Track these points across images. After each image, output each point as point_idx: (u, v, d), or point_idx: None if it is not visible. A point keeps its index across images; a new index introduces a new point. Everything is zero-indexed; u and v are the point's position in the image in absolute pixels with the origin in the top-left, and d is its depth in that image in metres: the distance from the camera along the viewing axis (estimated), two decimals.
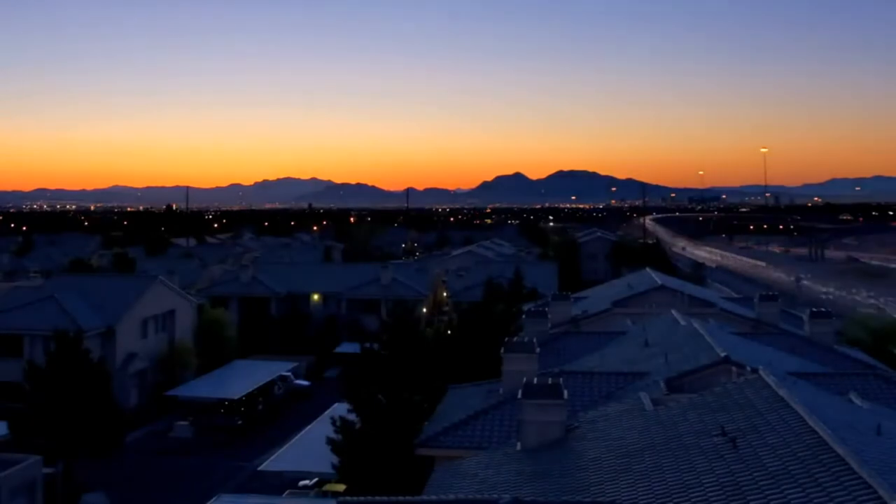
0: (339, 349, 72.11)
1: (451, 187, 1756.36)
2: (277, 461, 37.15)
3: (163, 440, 51.81)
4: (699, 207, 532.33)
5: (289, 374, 63.85)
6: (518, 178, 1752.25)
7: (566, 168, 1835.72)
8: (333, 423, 32.92)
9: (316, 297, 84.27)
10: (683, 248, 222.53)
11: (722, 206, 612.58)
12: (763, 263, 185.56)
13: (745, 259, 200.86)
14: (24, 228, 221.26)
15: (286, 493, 37.04)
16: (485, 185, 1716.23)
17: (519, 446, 19.50)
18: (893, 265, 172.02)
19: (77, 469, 41.32)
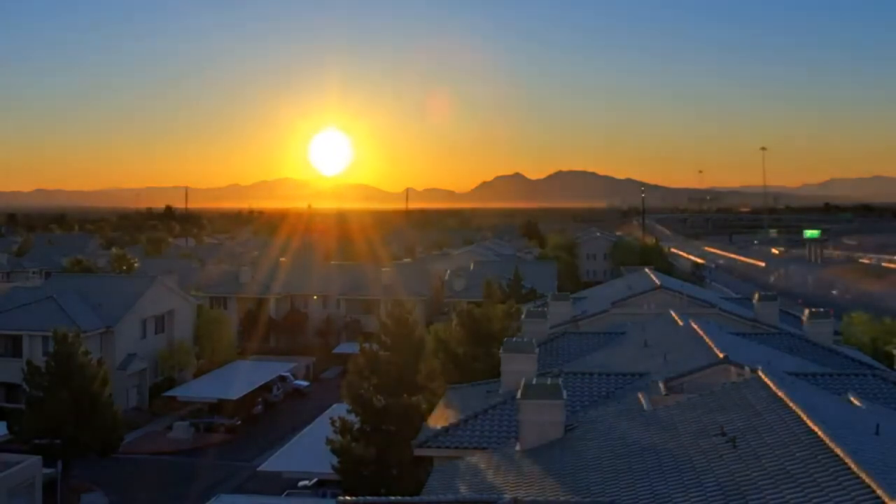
0: (338, 349, 72.22)
1: (450, 188, 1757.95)
2: (277, 461, 37.16)
3: (162, 440, 51.82)
4: (698, 208, 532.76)
5: (288, 374, 63.87)
6: (517, 178, 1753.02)
7: (565, 168, 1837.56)
8: (333, 423, 32.96)
9: (315, 297, 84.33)
10: (682, 248, 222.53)
11: (721, 206, 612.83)
12: (762, 264, 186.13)
13: (743, 259, 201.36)
14: (23, 228, 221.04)
15: (285, 493, 37.07)
16: (484, 186, 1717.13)
17: (518, 446, 19.52)
18: (892, 266, 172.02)
19: (76, 469, 41.38)
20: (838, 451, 12.88)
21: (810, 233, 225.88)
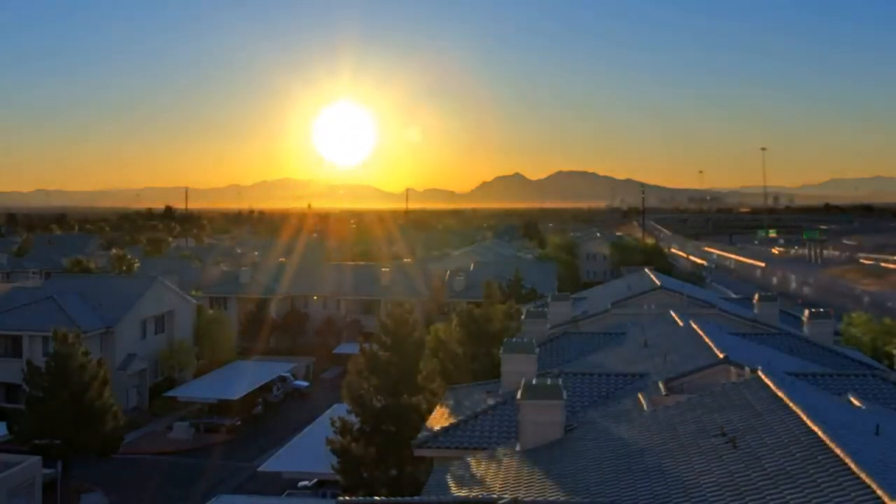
0: (338, 350, 72.22)
1: (450, 188, 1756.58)
2: (277, 462, 37.16)
3: (162, 440, 51.80)
4: (698, 208, 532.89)
5: (288, 374, 63.85)
6: (517, 178, 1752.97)
7: (565, 168, 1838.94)
8: (333, 423, 32.93)
9: (315, 297, 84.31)
10: (682, 249, 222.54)
11: (721, 206, 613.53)
12: (763, 264, 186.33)
13: (744, 260, 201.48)
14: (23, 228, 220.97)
15: (285, 493, 37.09)
16: (484, 186, 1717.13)
17: (518, 447, 19.52)
18: (891, 265, 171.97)
19: (76, 469, 41.38)
20: (838, 451, 12.88)
21: (807, 234, 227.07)
